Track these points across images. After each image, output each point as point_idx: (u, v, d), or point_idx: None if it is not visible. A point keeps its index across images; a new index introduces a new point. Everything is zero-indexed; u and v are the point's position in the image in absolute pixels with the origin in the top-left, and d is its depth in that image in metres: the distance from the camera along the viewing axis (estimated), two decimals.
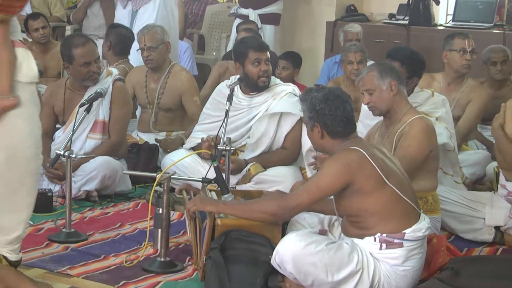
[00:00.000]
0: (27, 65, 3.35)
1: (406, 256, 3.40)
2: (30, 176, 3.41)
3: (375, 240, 3.40)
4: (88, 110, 4.76)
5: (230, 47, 7.58)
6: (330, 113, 3.49)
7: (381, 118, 4.32)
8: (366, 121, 4.89)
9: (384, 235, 3.39)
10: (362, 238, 3.44)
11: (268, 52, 5.00)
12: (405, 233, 3.40)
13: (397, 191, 3.40)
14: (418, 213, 3.49)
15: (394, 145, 4.14)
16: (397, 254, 3.40)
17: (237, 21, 8.00)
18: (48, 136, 5.18)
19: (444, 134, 4.64)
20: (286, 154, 5.03)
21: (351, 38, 7.11)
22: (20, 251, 3.48)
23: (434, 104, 4.82)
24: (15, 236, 3.40)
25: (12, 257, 3.42)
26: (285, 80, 5.86)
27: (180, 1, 8.39)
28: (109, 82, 5.16)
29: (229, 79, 5.29)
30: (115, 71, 5.29)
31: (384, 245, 3.39)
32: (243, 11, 7.99)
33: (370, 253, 3.41)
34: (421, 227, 3.44)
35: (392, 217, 3.41)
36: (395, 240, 3.39)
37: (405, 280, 3.43)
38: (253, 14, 7.88)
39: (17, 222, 3.40)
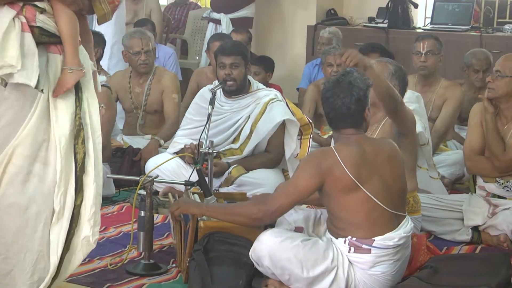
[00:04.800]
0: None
1: (374, 262, 3.36)
2: None
3: (345, 242, 3.38)
4: None
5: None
6: (327, 102, 3.43)
7: None
8: None
9: (354, 239, 3.36)
10: (336, 237, 3.43)
11: (234, 56, 4.94)
12: (374, 240, 3.34)
13: (371, 196, 3.33)
14: (396, 221, 3.41)
15: None
16: (365, 259, 3.36)
17: (210, 25, 7.99)
18: None
19: (419, 124, 4.68)
20: (269, 157, 5.03)
21: (323, 42, 7.23)
22: None
23: (408, 98, 4.85)
24: None
25: None
26: None
27: (159, 5, 8.38)
28: None
29: (206, 85, 5.30)
30: (102, 78, 5.29)
31: (352, 249, 3.37)
32: (215, 15, 7.99)
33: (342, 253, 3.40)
34: (394, 236, 3.36)
35: (363, 222, 3.35)
36: (363, 246, 3.35)
37: (378, 283, 3.39)
38: (225, 19, 7.87)
39: None
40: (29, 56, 2.94)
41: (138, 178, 3.90)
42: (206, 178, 4.13)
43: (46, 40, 3.02)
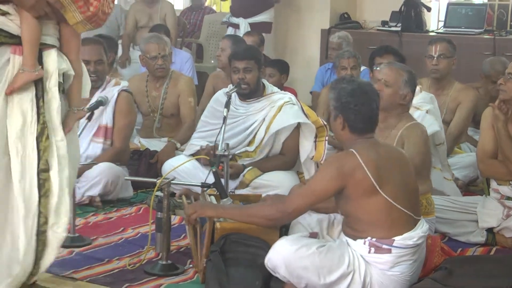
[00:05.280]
0: (87, 80, 3.43)
1: (394, 262, 3.36)
2: (74, 180, 3.49)
3: (364, 243, 3.38)
4: (89, 118, 4.79)
5: None
6: (355, 108, 3.43)
7: None
8: None
9: (374, 239, 3.36)
10: (354, 239, 3.42)
11: (247, 61, 4.96)
12: (394, 239, 3.35)
13: (390, 200, 3.35)
14: (414, 221, 3.43)
15: None
16: (385, 259, 3.36)
17: (230, 29, 8.01)
18: None
19: (435, 124, 4.68)
20: (284, 160, 5.03)
21: (333, 47, 7.25)
22: None
23: (423, 99, 4.88)
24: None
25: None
26: None
27: (173, 9, 8.41)
28: (115, 91, 5.22)
29: (223, 88, 5.32)
30: (124, 83, 5.37)
31: (372, 249, 3.37)
32: (234, 20, 8.00)
33: (361, 255, 3.39)
34: (413, 236, 3.38)
35: (382, 224, 3.36)
36: (384, 246, 3.36)
37: (396, 284, 3.39)
38: (244, 23, 7.89)
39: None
40: None
41: (155, 180, 3.91)
42: (222, 180, 4.15)
43: (4, 40, 3.13)
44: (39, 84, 3.20)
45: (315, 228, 3.72)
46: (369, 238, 3.37)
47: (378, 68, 4.32)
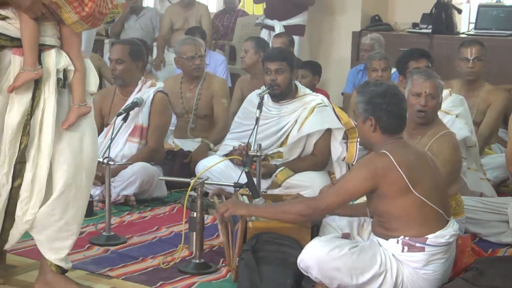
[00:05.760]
0: (93, 75, 3.47)
1: (427, 260, 3.34)
2: (92, 177, 3.50)
3: (397, 242, 3.35)
4: (125, 119, 4.80)
5: None
6: (387, 109, 3.42)
7: None
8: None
9: (407, 238, 3.34)
10: (386, 239, 3.40)
11: (279, 62, 4.95)
12: (427, 238, 3.33)
13: (423, 198, 3.33)
14: (445, 219, 3.42)
15: None
16: (418, 258, 3.34)
17: (264, 31, 8.00)
18: None
19: (465, 128, 4.63)
20: (316, 160, 5.01)
21: (365, 49, 7.22)
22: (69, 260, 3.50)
23: (452, 102, 4.81)
24: (73, 239, 3.43)
25: (64, 265, 3.44)
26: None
27: (208, 12, 8.43)
28: (151, 92, 5.25)
29: (251, 91, 5.31)
30: (160, 84, 5.40)
31: (405, 248, 3.34)
32: (269, 22, 8.00)
33: (393, 255, 3.36)
34: (445, 234, 3.37)
35: (416, 222, 3.35)
36: (417, 244, 3.33)
37: (428, 283, 3.37)
38: (278, 25, 7.88)
39: (79, 222, 3.45)
40: None
41: (189, 180, 3.90)
42: (254, 180, 4.13)
43: (5, 43, 3.23)
44: (38, 83, 3.28)
45: (345, 229, 3.71)
46: (401, 237, 3.35)
47: (416, 80, 4.20)
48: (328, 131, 4.94)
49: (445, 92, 4.77)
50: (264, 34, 7.96)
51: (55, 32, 3.30)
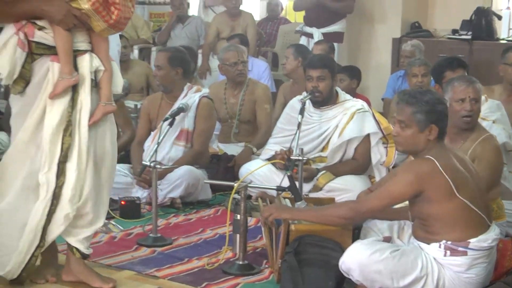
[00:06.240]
0: (118, 77, 3.59)
1: (470, 264, 3.31)
2: (112, 175, 3.62)
3: (440, 247, 3.33)
4: (171, 124, 4.84)
5: None
6: (446, 114, 3.43)
7: None
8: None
9: (449, 242, 3.31)
10: (428, 243, 3.37)
11: (321, 69, 4.95)
12: (470, 242, 3.30)
13: (467, 202, 3.30)
14: (487, 224, 3.38)
15: None
16: (461, 262, 3.31)
17: (303, 38, 7.99)
18: (141, 144, 5.39)
19: (503, 134, 4.56)
20: (357, 164, 5.00)
21: (406, 55, 7.18)
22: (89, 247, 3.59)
23: (489, 108, 4.75)
24: (95, 227, 3.54)
25: (85, 250, 3.53)
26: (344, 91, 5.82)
27: (254, 21, 8.46)
28: (196, 97, 5.30)
29: (293, 96, 5.32)
30: (205, 90, 5.45)
31: (448, 252, 3.31)
32: (308, 29, 7.99)
33: (435, 259, 3.33)
34: (487, 238, 3.33)
35: (459, 226, 3.32)
36: (459, 248, 3.30)
37: (470, 287, 3.33)
38: (317, 33, 7.87)
39: (101, 215, 3.55)
40: (15, 66, 3.32)
41: (232, 183, 3.92)
42: (297, 183, 4.13)
43: (43, 52, 3.36)
44: (76, 86, 3.41)
45: (386, 233, 3.68)
46: (444, 241, 3.32)
47: (457, 86, 4.16)
48: (368, 137, 4.93)
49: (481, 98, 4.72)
50: (303, 41, 7.95)
51: (86, 38, 3.43)
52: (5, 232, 3.41)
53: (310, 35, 7.94)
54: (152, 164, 4.34)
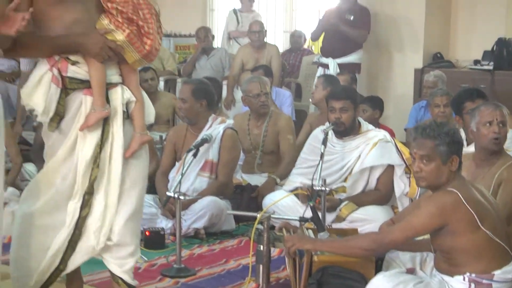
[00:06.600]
0: (150, 107, 3.57)
1: None
2: (142, 204, 3.58)
3: (464, 279, 3.28)
4: (195, 155, 4.82)
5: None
6: (463, 145, 3.43)
7: None
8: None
9: (473, 275, 3.26)
10: (452, 275, 3.32)
11: (343, 101, 4.94)
12: (494, 274, 3.25)
13: (490, 234, 3.26)
14: (510, 255, 3.33)
15: (493, 189, 3.93)
16: None
17: (320, 69, 7.98)
18: (166, 175, 5.38)
19: None
20: (379, 195, 4.96)
21: (429, 86, 7.11)
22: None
23: (510, 139, 4.66)
24: (136, 257, 3.49)
25: (131, 281, 3.48)
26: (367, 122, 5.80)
27: (278, 52, 8.48)
28: (220, 128, 5.30)
29: (320, 126, 5.30)
30: (230, 121, 5.46)
31: (473, 285, 3.26)
32: (324, 60, 7.97)
33: None
34: (511, 269, 3.28)
35: (483, 258, 3.27)
36: (484, 281, 3.25)
37: None
38: (332, 63, 7.84)
39: (139, 244, 3.51)
40: (50, 102, 3.30)
41: (256, 214, 3.90)
42: (319, 213, 4.10)
43: (76, 86, 3.34)
44: (107, 118, 3.38)
45: (408, 264, 3.63)
46: (468, 273, 3.27)
47: (484, 110, 4.12)
48: (391, 167, 4.89)
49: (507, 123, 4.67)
50: (320, 72, 7.94)
51: (117, 70, 3.43)
52: (30, 252, 3.39)
53: (326, 66, 7.92)
54: (176, 195, 4.33)
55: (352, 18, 7.81)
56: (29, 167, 5.87)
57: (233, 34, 9.48)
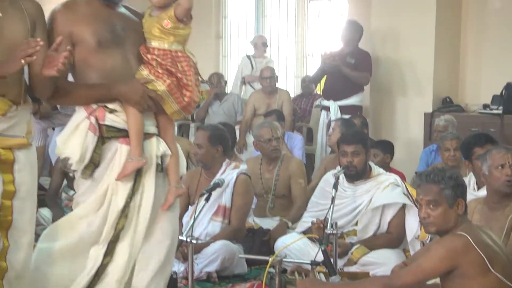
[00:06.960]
0: (182, 160, 3.54)
1: None
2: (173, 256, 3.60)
3: None
4: (207, 199, 4.82)
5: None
6: (466, 188, 3.44)
7: None
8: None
9: None
10: None
11: (355, 145, 4.95)
12: None
13: (501, 277, 3.23)
14: None
15: (506, 231, 3.92)
16: None
17: (323, 112, 7.98)
18: (180, 219, 5.34)
19: None
20: (391, 238, 4.93)
21: (439, 130, 7.12)
22: None
23: None
24: None
25: None
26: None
27: (290, 97, 8.51)
28: (234, 174, 5.31)
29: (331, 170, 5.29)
30: (243, 166, 5.47)
31: None
32: (325, 102, 7.97)
33: None
34: None
35: None
36: None
37: None
38: (333, 105, 7.82)
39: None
40: (86, 150, 3.27)
41: (268, 257, 3.87)
42: (331, 258, 4.07)
43: (113, 135, 3.31)
44: (140, 169, 3.34)
45: None
46: None
47: (496, 154, 4.11)
48: (402, 210, 4.86)
49: None
50: (323, 115, 7.94)
51: (154, 121, 3.40)
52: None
53: (327, 108, 7.92)
54: (188, 239, 4.31)
55: (353, 61, 7.84)
56: (44, 212, 5.88)
57: (247, 79, 9.54)
